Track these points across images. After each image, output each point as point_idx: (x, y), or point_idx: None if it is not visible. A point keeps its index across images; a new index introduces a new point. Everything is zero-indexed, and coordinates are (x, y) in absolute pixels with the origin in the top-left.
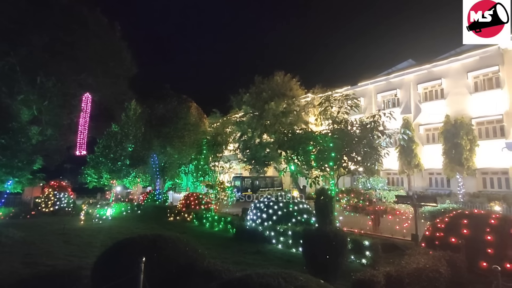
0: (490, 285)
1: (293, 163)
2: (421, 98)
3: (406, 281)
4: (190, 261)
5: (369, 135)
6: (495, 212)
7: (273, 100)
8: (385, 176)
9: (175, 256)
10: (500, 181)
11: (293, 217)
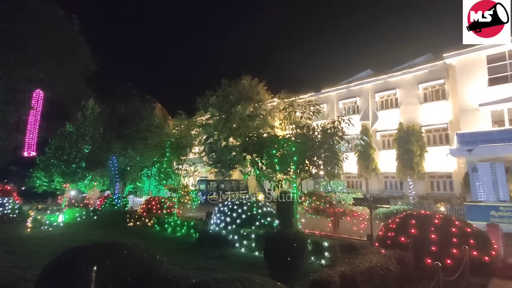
0: (433, 280)
1: (257, 167)
2: (378, 106)
3: (359, 279)
4: (147, 269)
5: (329, 140)
6: (440, 213)
7: (240, 103)
8: (345, 180)
9: (130, 264)
10: (445, 184)
11: (257, 220)
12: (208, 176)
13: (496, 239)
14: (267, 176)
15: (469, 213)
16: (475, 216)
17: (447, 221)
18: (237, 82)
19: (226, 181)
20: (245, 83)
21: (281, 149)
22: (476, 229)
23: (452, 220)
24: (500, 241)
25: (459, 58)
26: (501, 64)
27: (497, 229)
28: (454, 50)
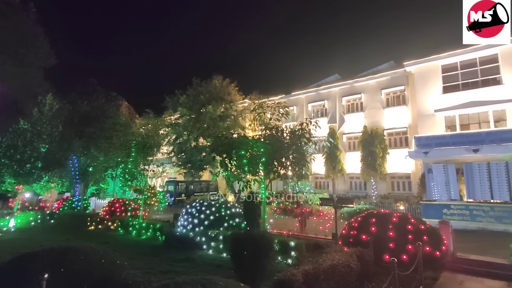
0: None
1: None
2: (345, 109)
3: (322, 277)
4: (106, 274)
5: (297, 142)
6: (398, 211)
7: (211, 103)
8: (313, 180)
9: (87, 270)
10: (404, 184)
11: (225, 221)
12: (177, 177)
13: (446, 235)
14: (236, 177)
15: (424, 211)
16: (430, 214)
17: (403, 219)
18: (208, 82)
19: (195, 182)
20: (216, 83)
21: (250, 150)
22: (429, 226)
23: (408, 218)
24: (450, 237)
25: (417, 66)
26: (454, 73)
27: (447, 226)
28: (414, 59)
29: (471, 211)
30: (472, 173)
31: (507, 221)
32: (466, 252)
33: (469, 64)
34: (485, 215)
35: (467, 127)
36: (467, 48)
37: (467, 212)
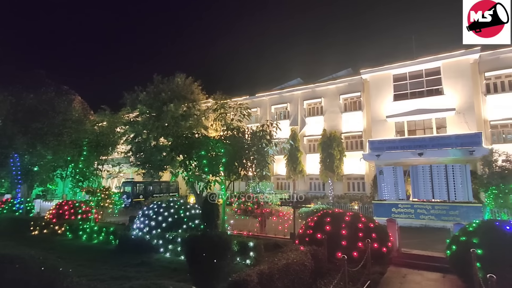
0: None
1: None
2: (306, 112)
3: (277, 276)
4: (46, 283)
5: (258, 143)
6: (352, 211)
7: (173, 102)
8: (275, 181)
9: (23, 279)
10: (359, 185)
11: (184, 223)
12: (135, 177)
13: (392, 232)
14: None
15: (376, 210)
16: (380, 212)
17: (355, 218)
18: (170, 79)
19: (155, 183)
20: (178, 81)
21: (211, 151)
22: (378, 224)
23: (360, 217)
24: (396, 234)
25: (372, 74)
26: (403, 83)
27: (394, 223)
28: (369, 67)
29: (416, 210)
30: (417, 175)
31: (445, 218)
32: (410, 248)
33: (416, 75)
34: (427, 213)
35: (413, 132)
36: (415, 60)
37: (412, 211)
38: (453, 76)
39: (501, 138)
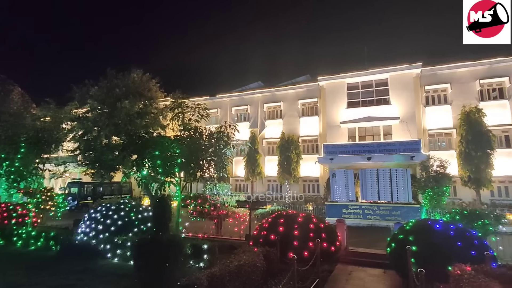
0: None
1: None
2: (266, 115)
3: (228, 278)
4: None
5: (216, 144)
6: (305, 212)
7: (128, 98)
8: (233, 183)
9: None
10: (314, 187)
11: (135, 226)
12: (82, 178)
13: (341, 232)
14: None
15: (328, 211)
16: (332, 213)
17: (307, 219)
18: (125, 74)
19: (105, 184)
20: (135, 77)
21: (166, 151)
22: (328, 224)
23: (311, 218)
24: (345, 234)
25: (328, 82)
26: (356, 91)
27: (343, 223)
28: (326, 75)
29: (364, 210)
30: (365, 178)
31: (388, 218)
32: (357, 246)
33: (367, 85)
34: (374, 214)
35: (364, 138)
36: (366, 71)
37: (361, 211)
38: (398, 88)
39: (436, 145)
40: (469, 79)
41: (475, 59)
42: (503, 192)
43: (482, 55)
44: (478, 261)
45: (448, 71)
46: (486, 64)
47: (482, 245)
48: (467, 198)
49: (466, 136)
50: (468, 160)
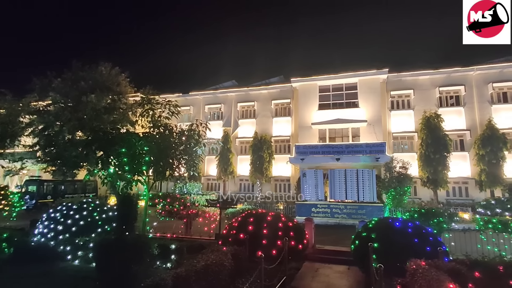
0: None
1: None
2: (239, 115)
3: (193, 278)
4: None
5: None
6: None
7: (95, 92)
8: (205, 182)
9: None
10: (285, 186)
11: (99, 226)
12: (42, 175)
13: (309, 230)
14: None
15: (298, 210)
16: (302, 212)
17: (276, 218)
18: (92, 67)
19: (67, 182)
20: (103, 70)
21: (133, 148)
22: (296, 223)
23: (280, 217)
24: (312, 232)
25: (301, 83)
26: (327, 94)
27: (311, 222)
28: (299, 77)
29: (332, 209)
30: (334, 178)
31: (355, 216)
32: (324, 244)
33: (338, 88)
34: (341, 212)
35: (333, 139)
36: (337, 74)
37: (329, 210)
38: (366, 92)
39: (400, 147)
40: (430, 86)
41: (435, 68)
42: (457, 192)
43: (442, 64)
44: (433, 256)
45: (411, 78)
46: (445, 73)
47: (437, 241)
48: (426, 197)
49: (426, 140)
50: (427, 162)
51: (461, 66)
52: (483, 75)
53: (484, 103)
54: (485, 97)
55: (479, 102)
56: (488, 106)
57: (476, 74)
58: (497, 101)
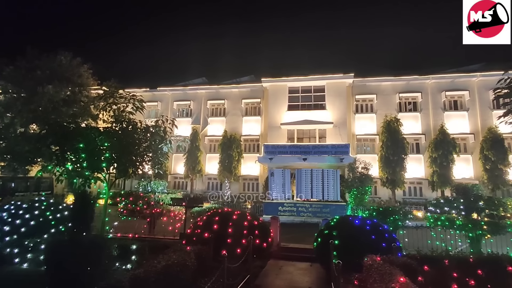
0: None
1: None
2: (209, 112)
3: (153, 279)
4: None
5: (152, 139)
6: (244, 210)
7: (52, 83)
8: (172, 180)
9: None
10: (253, 185)
11: (52, 227)
12: None
13: (275, 229)
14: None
15: (265, 209)
16: (269, 211)
17: (242, 216)
18: (50, 56)
19: (18, 179)
20: (62, 60)
21: (92, 144)
22: (262, 221)
23: (246, 216)
24: (278, 230)
25: (272, 84)
26: (296, 95)
27: (276, 220)
28: (270, 77)
29: (298, 208)
30: (300, 177)
31: (319, 215)
32: (289, 242)
33: (307, 90)
34: (306, 211)
35: (301, 140)
36: (306, 77)
37: (295, 209)
38: (333, 95)
39: (363, 149)
40: (391, 92)
41: (396, 75)
42: (412, 191)
43: (402, 72)
44: (388, 252)
45: (375, 83)
46: (405, 80)
47: (391, 238)
48: (385, 196)
49: (386, 142)
50: (387, 163)
51: (419, 74)
52: (437, 83)
53: (437, 110)
54: (438, 104)
55: (434, 109)
56: (441, 112)
57: (432, 83)
58: (449, 108)
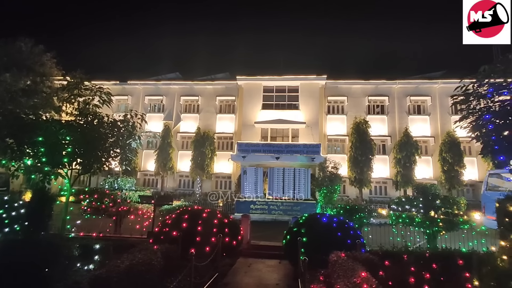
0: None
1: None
2: (182, 109)
3: (115, 280)
4: None
5: (119, 135)
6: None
7: (10, 71)
8: (142, 177)
9: None
10: (226, 183)
11: (5, 226)
12: None
13: (245, 227)
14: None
15: (237, 207)
16: (241, 209)
17: (212, 214)
18: (8, 42)
19: None
20: (22, 47)
21: (52, 137)
22: (232, 219)
23: (216, 214)
24: (248, 228)
25: (246, 82)
26: (271, 94)
27: (247, 218)
28: (245, 75)
29: (269, 206)
30: (273, 176)
31: (290, 213)
32: (259, 240)
33: (281, 89)
34: (278, 209)
35: (275, 139)
36: (281, 76)
37: (266, 207)
38: (307, 96)
39: (333, 149)
40: (361, 95)
41: (366, 79)
42: (378, 190)
43: (372, 76)
44: (352, 248)
45: (346, 86)
46: (374, 84)
47: (356, 235)
48: (353, 195)
49: (355, 143)
50: (355, 163)
51: (387, 79)
52: (403, 88)
53: (402, 113)
54: (403, 108)
55: (399, 112)
56: (406, 116)
57: (398, 87)
58: (413, 112)
